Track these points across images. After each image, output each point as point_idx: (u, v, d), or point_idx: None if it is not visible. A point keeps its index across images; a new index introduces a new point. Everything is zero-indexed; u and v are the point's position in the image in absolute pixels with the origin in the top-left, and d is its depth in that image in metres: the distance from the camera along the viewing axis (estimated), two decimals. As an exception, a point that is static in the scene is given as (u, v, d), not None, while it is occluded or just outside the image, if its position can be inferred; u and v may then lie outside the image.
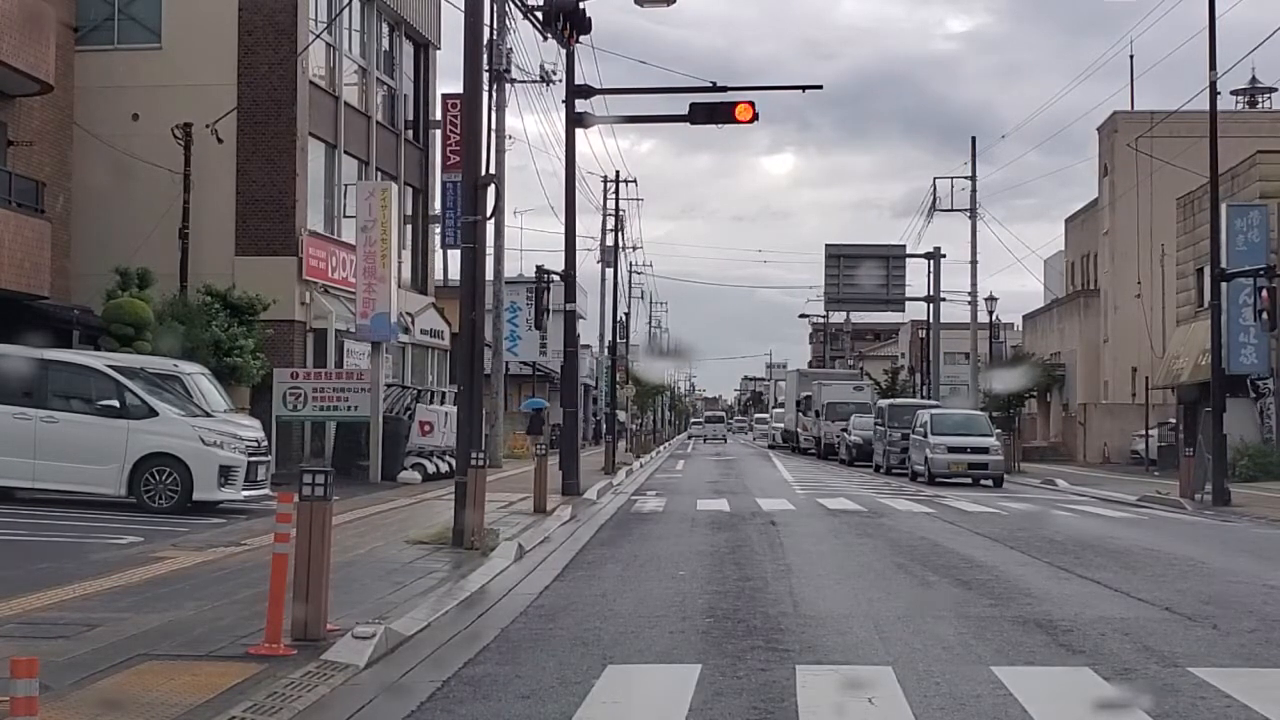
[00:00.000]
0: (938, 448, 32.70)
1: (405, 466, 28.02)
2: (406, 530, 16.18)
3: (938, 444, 32.78)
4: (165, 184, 27.86)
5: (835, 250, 55.15)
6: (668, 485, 31.06)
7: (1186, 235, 42.29)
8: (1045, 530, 18.65)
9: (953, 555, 14.87)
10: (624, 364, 62.86)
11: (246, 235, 28.91)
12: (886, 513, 21.54)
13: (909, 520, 20.20)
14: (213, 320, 26.28)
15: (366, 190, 27.20)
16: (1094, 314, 55.88)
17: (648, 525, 19.02)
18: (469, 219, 15.04)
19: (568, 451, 25.37)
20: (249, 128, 28.84)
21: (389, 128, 34.93)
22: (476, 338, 15.02)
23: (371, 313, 26.65)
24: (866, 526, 18.70)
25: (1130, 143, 46.94)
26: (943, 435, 33.06)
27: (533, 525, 18.12)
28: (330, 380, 27.64)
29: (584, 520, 19.98)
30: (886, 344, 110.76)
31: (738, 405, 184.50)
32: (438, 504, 22.45)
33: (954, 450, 32.52)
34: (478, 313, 14.99)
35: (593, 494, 25.33)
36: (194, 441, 17.99)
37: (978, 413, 39.37)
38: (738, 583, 12.26)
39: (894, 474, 37.50)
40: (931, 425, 33.68)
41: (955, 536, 17.39)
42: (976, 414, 38.17)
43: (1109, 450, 48.82)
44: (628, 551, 15.19)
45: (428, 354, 36.01)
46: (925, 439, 33.45)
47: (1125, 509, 24.69)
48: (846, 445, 47.88)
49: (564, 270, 25.65)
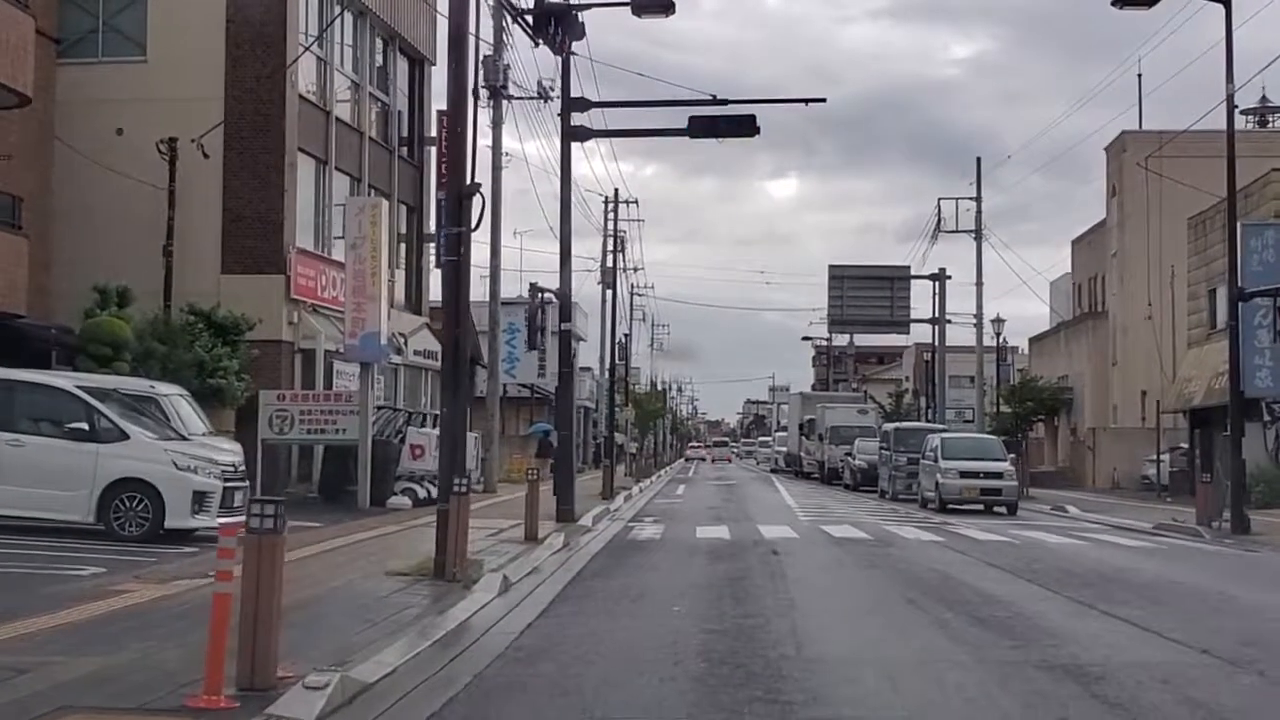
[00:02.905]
0: (949, 473, 31.45)
1: (395, 491, 27.13)
2: (388, 560, 15.27)
3: (949, 469, 31.51)
4: (149, 200, 27.10)
5: (839, 271, 54.29)
6: (667, 511, 30.13)
7: (1198, 255, 41.44)
8: (1061, 561, 17.71)
9: (967, 589, 13.94)
10: (623, 386, 62.04)
11: (233, 253, 28.09)
12: (894, 541, 20.62)
13: (918, 550, 19.28)
14: (196, 340, 25.45)
15: (356, 206, 26.36)
16: (1102, 336, 54.99)
17: (643, 554, 18.11)
18: (452, 230, 14.18)
19: (562, 476, 24.46)
20: (236, 143, 28.04)
21: (383, 144, 34.14)
22: (460, 357, 14.15)
23: (360, 333, 25.78)
24: (874, 556, 17.77)
25: (1140, 161, 46.08)
26: (954, 460, 31.75)
27: (522, 554, 17.22)
28: (318, 402, 26.77)
29: (577, 549, 19.07)
30: (890, 367, 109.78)
31: (740, 429, 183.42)
32: (426, 531, 21.43)
33: (966, 475, 31.25)
34: (462, 330, 14.11)
35: (588, 520, 24.43)
36: (166, 466, 17.10)
37: (990, 437, 38.07)
38: (736, 620, 11.34)
39: (900, 500, 36.47)
40: (942, 449, 32.43)
41: (968, 568, 16.47)
42: (989, 438, 36.85)
43: (1118, 475, 47.88)
44: (620, 584, 14.28)
45: (422, 375, 35.14)
46: (936, 464, 32.15)
47: (1141, 537, 23.76)
48: (851, 470, 46.91)
49: (559, 289, 24.79)
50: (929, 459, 33.01)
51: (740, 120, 23.83)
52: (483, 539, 19.81)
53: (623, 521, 25.89)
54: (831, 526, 23.96)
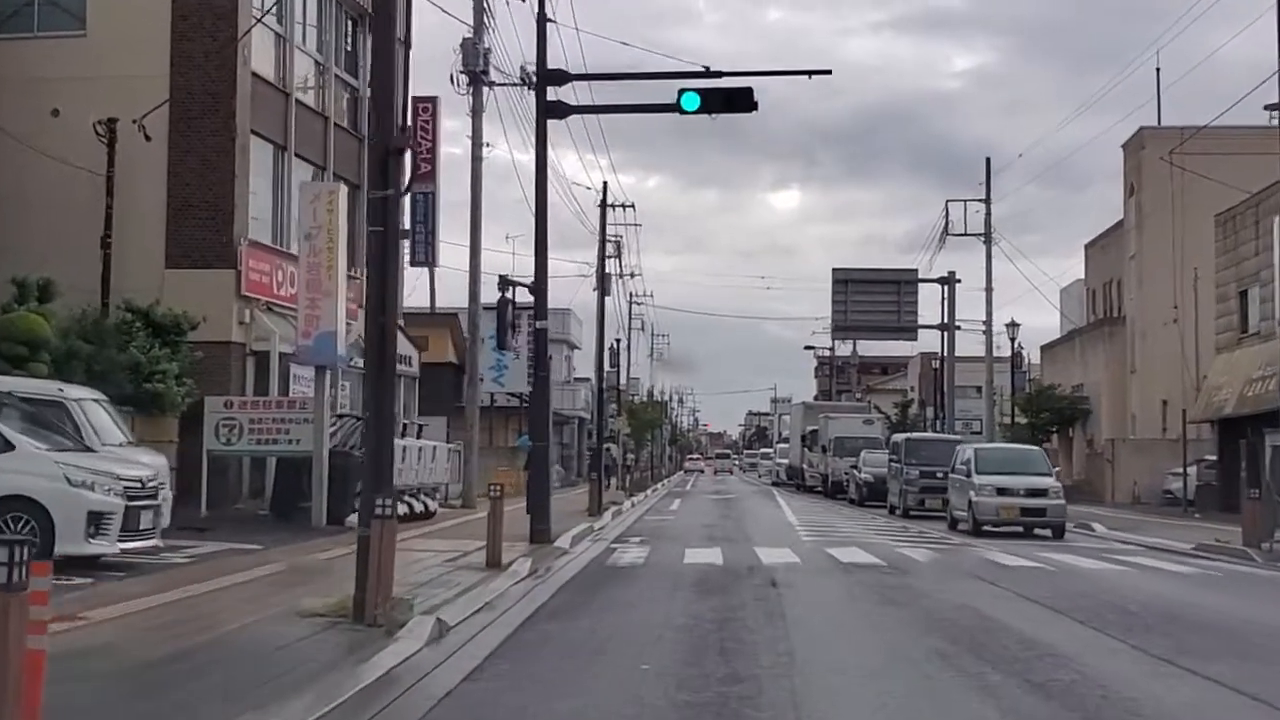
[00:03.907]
0: (984, 490, 26.97)
1: (356, 508, 24.50)
2: (307, 597, 12.69)
3: (984, 485, 27.05)
4: (87, 187, 24.60)
5: (843, 275, 51.64)
6: (657, 530, 27.50)
7: (1227, 255, 38.85)
8: (1108, 593, 15.09)
9: (1009, 634, 11.32)
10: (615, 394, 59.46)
11: (178, 245, 25.54)
12: (910, 568, 17.95)
13: (938, 578, 16.65)
14: (131, 340, 22.90)
15: (311, 192, 23.79)
16: (1119, 343, 52.37)
17: (620, 585, 15.50)
18: (376, 194, 11.62)
19: (536, 492, 21.88)
20: (182, 124, 25.53)
21: (351, 132, 31.59)
22: (387, 348, 11.58)
23: (315, 332, 23.21)
24: (890, 589, 15.12)
25: (1165, 156, 43.46)
26: (990, 475, 27.29)
27: (477, 585, 14.64)
28: (269, 409, 24.24)
29: (545, 577, 16.48)
30: (894, 377, 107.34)
31: (742, 440, 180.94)
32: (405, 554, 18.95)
33: (1005, 492, 26.78)
34: (388, 317, 11.53)
35: (566, 541, 21.83)
36: (57, 482, 14.52)
37: (1032, 448, 33.37)
38: (721, 684, 8.74)
39: (912, 516, 33.57)
40: (976, 463, 27.96)
41: (1003, 603, 13.85)
42: (1030, 449, 32.20)
43: (1139, 490, 45.19)
44: (582, 628, 11.67)
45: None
46: (968, 479, 27.73)
47: (1185, 561, 21.12)
48: (856, 483, 44.20)
49: (533, 283, 22.21)
50: (960, 473, 28.67)
51: (736, 94, 21.29)
52: (438, 565, 17.25)
53: (605, 542, 23.30)
54: (838, 549, 21.33)
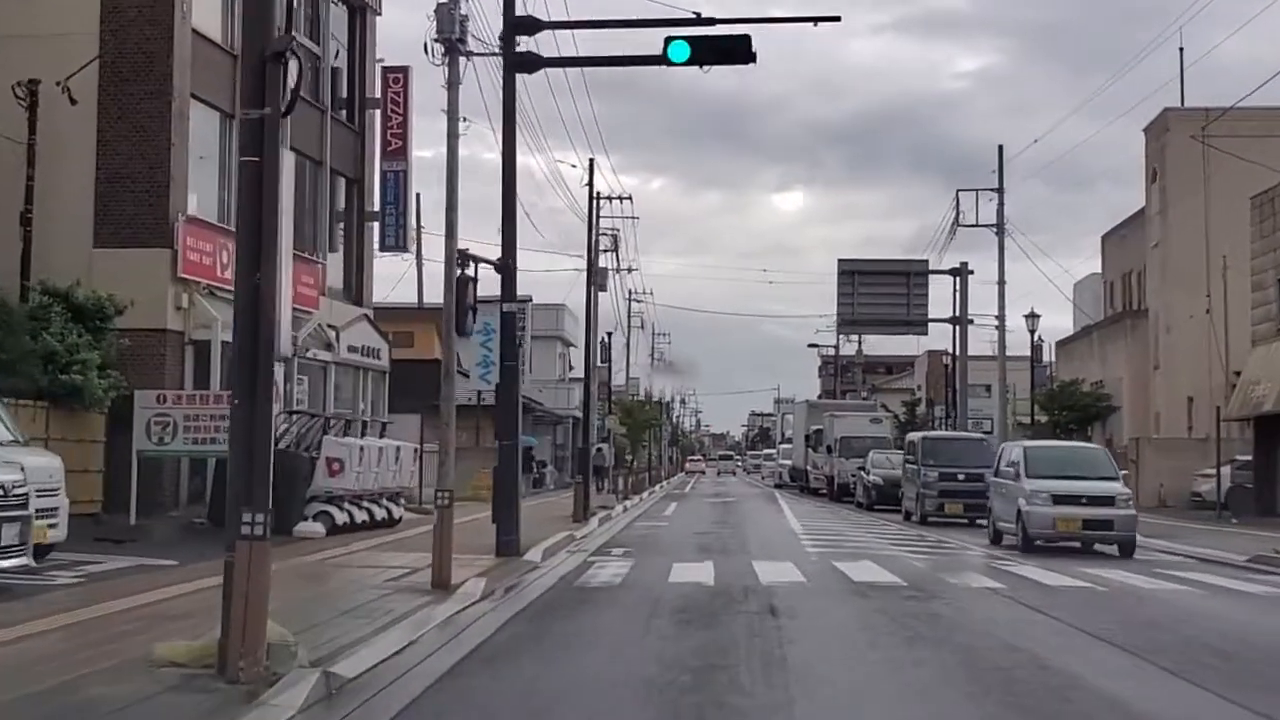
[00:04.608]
0: (1038, 498, 22.07)
1: (306, 516, 21.89)
2: (189, 632, 9.99)
3: (1037, 492, 22.14)
4: (6, 156, 21.96)
5: (850, 266, 48.74)
6: (645, 539, 24.75)
7: (1264, 240, 36.06)
8: (1187, 624, 12.32)
9: (1082, 694, 8.55)
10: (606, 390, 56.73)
11: (108, 222, 22.86)
12: (937, 589, 15.14)
13: (973, 604, 13.87)
14: (46, 326, 20.19)
15: (250, 159, 21.00)
16: (1141, 337, 49.62)
17: (585, 615, 12.74)
18: (251, 113, 8.88)
19: (503, 498, 19.15)
20: (113, 86, 22.87)
21: (311, 102, 28.82)
22: (262, 323, 8.84)
23: (255, 317, 20.45)
24: (917, 620, 12.31)
25: (1195, 135, 40.69)
26: (1044, 479, 22.42)
27: (412, 614, 11.91)
28: (207, 405, 21.58)
29: (499, 601, 13.78)
30: (900, 376, 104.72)
31: (745, 441, 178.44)
32: (317, 570, 16.29)
33: (1063, 501, 21.88)
34: (264, 277, 8.79)
35: (537, 554, 19.12)
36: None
37: (1094, 446, 28.16)
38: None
39: (931, 523, 30.51)
40: (1026, 464, 23.10)
41: (1062, 641, 11.06)
42: (1092, 448, 26.80)
43: (1164, 492, 42.33)
44: (521, 682, 8.93)
45: (358, 376, 29.79)
46: (1017, 484, 22.87)
47: (1248, 578, 18.32)
48: (864, 486, 41.35)
49: (499, 259, 19.47)
50: (1006, 477, 23.86)
51: (731, 44, 18.58)
52: (375, 586, 14.53)
53: (584, 554, 20.57)
54: (848, 563, 18.54)
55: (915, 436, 35.53)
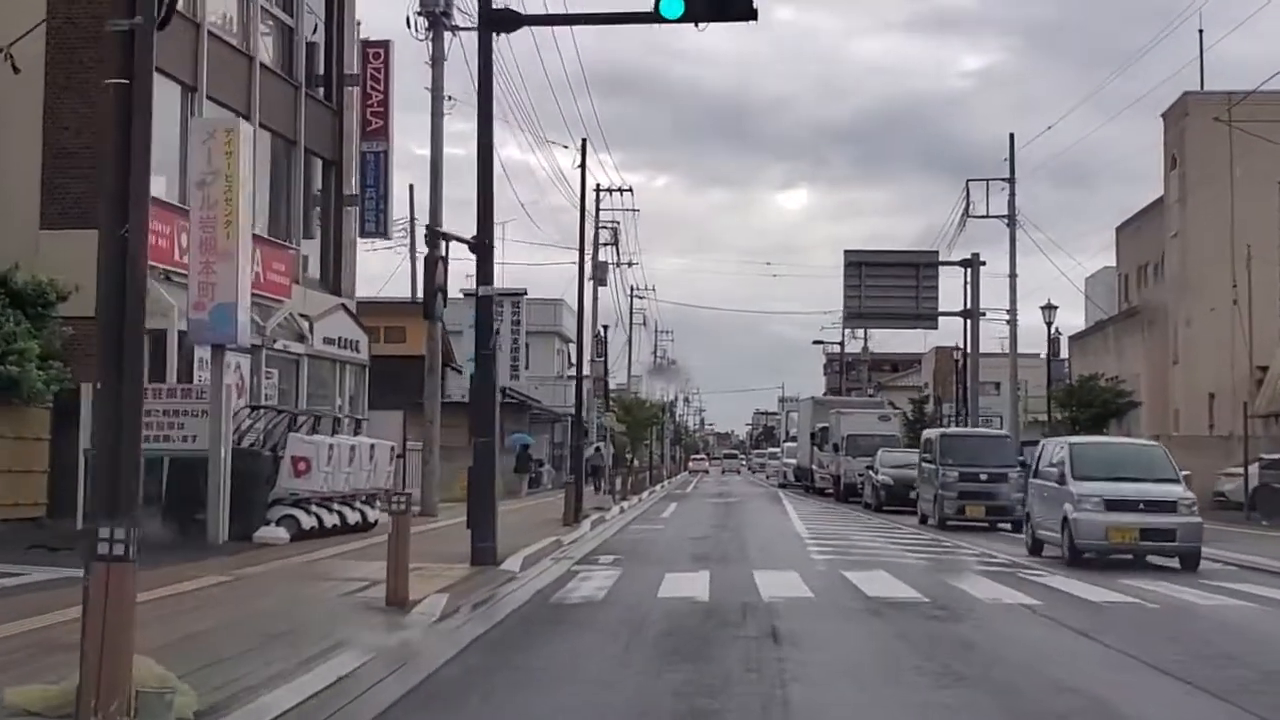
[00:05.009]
0: (1087, 503, 19.01)
1: (269, 520, 20.11)
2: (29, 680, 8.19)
3: (1087, 497, 19.07)
4: (-57, 130, 20.24)
5: (857, 258, 46.97)
6: (638, 544, 22.95)
7: (1295, 227, 34.25)
8: (1259, 655, 10.52)
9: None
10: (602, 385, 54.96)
11: (56, 201, 21.14)
12: (965, 608, 13.28)
13: (1009, 624, 12.05)
14: (-19, 313, 18.48)
15: (203, 131, 19.24)
16: (1159, 331, 47.79)
17: (555, 640, 10.95)
18: (118, 24, 7.13)
19: (479, 501, 17.35)
20: (62, 54, 21.15)
21: (285, 77, 27.07)
22: (131, 281, 7.07)
23: (210, 304, 18.73)
24: (943, 647, 10.47)
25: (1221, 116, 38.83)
26: (1094, 480, 19.40)
27: (354, 640, 10.13)
28: (160, 399, 19.78)
29: (460, 624, 12.00)
30: (907, 374, 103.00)
31: (749, 440, 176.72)
32: (263, 587, 14.45)
33: (1117, 507, 18.90)
34: (133, 225, 7.02)
35: (515, 562, 17.34)
36: None
37: (1151, 444, 24.43)
38: None
39: (949, 528, 28.25)
40: (1073, 463, 19.95)
41: (1121, 676, 9.25)
42: (1149, 445, 23.41)
43: (1186, 492, 40.47)
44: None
45: (335, 370, 27.98)
46: (1062, 486, 19.74)
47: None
48: (873, 486, 39.47)
49: (476, 236, 17.66)
50: (1048, 479, 20.70)
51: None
52: (322, 602, 12.78)
53: (569, 562, 18.80)
54: (860, 573, 16.72)
55: (933, 433, 33.53)
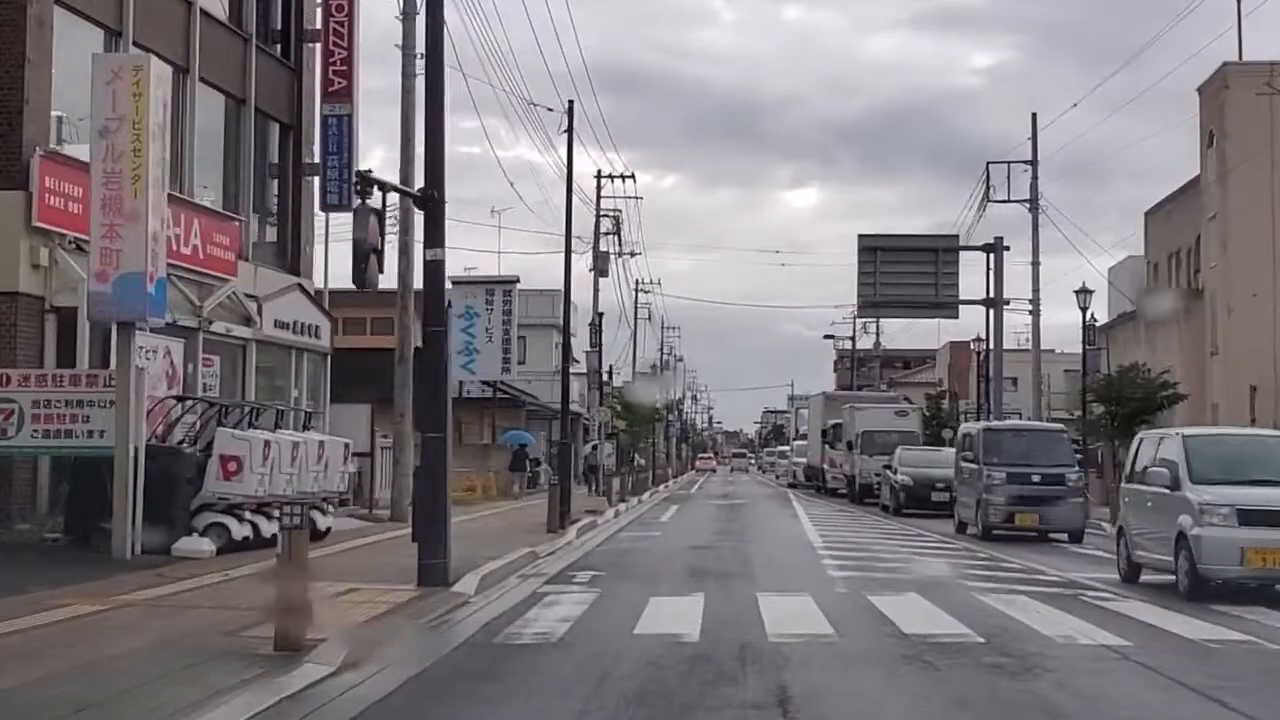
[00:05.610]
0: (1212, 515, 14.32)
1: (194, 529, 17.11)
2: None
3: (1211, 506, 14.41)
4: None
5: (871, 243, 43.61)
6: (625, 556, 19.89)
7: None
8: None
9: None
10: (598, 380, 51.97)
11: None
12: (1031, 649, 10.16)
13: (1100, 681, 8.96)
14: None
15: (106, 70, 16.21)
16: (1196, 321, 44.67)
17: (482, 708, 7.91)
18: None
19: (426, 510, 14.34)
20: (-48, -13, 18.13)
21: (231, 28, 24.10)
22: None
23: (114, 273, 15.79)
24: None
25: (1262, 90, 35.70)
26: (1219, 485, 14.80)
27: (195, 713, 7.10)
28: (61, 388, 16.88)
29: (362, 677, 9.02)
30: (920, 370, 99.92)
31: (758, 439, 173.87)
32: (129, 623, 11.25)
33: (1254, 520, 14.18)
34: None
35: (471, 582, 14.35)
36: None
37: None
38: None
39: (995, 538, 24.05)
40: (1190, 463, 15.30)
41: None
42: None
43: (1228, 492, 37.38)
44: None
45: (290, 358, 24.97)
46: (1176, 493, 15.12)
47: None
48: (891, 487, 36.30)
49: (422, 189, 14.62)
50: (1154, 483, 15.67)
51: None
52: (191, 647, 9.66)
53: (540, 580, 15.79)
54: (888, 597, 13.60)
55: (973, 428, 30.02)
